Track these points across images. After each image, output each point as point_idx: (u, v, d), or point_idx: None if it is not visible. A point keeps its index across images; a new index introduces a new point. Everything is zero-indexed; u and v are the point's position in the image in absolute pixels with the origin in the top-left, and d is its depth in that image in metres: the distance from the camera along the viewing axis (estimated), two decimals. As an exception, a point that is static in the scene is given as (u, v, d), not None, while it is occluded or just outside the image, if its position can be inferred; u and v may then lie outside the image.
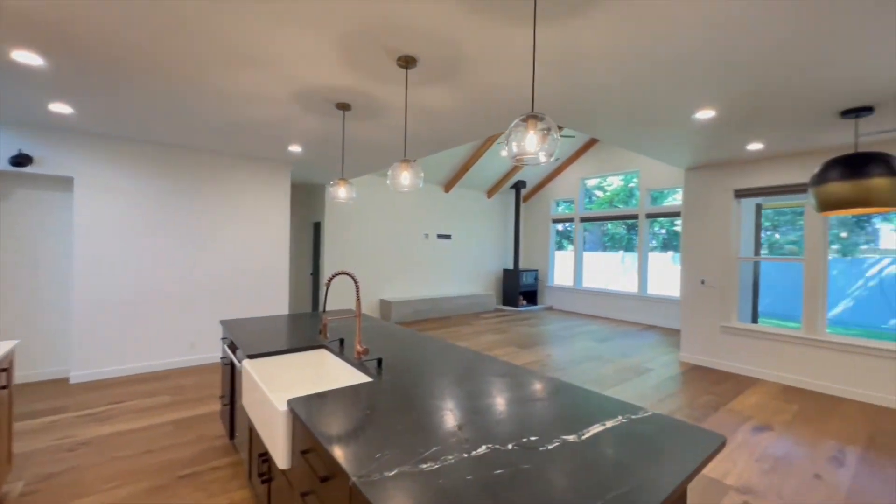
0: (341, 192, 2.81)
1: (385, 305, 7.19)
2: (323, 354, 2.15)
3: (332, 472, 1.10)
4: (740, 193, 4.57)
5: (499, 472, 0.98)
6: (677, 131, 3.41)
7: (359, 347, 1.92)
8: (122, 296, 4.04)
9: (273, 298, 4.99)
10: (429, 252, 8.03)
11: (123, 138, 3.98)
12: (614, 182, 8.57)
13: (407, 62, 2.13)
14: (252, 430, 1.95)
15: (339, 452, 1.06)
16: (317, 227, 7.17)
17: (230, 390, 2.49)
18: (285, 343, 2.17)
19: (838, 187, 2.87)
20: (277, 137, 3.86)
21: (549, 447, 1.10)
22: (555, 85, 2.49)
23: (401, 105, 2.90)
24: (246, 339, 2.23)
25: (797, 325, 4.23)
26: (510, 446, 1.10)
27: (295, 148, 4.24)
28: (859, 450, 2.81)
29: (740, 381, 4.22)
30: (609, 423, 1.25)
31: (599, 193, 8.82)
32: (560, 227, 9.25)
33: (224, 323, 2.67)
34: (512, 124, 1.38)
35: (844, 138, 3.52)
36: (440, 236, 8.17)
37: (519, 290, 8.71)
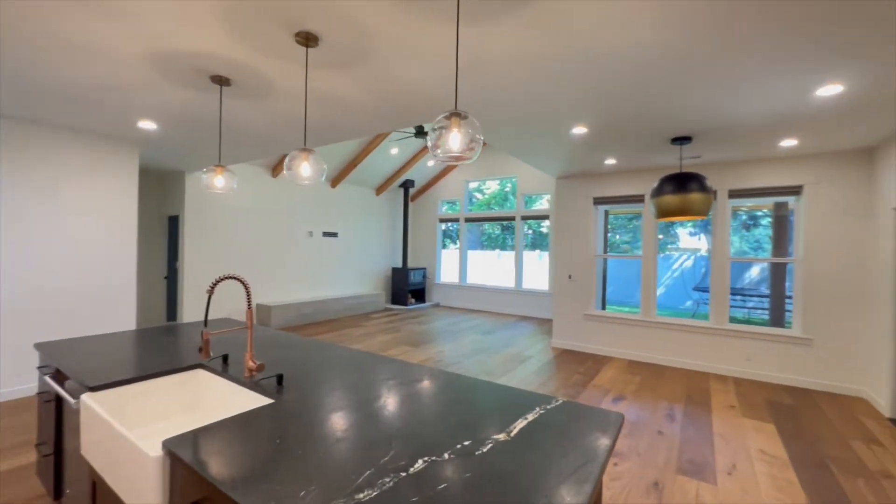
0: (218, 180, 2.37)
1: (263, 310, 6.45)
2: (200, 376, 1.79)
3: (240, 523, 0.90)
4: (598, 201, 5.38)
5: (442, 486, 0.92)
6: (557, 143, 3.83)
7: (251, 363, 1.64)
8: None
9: (115, 310, 4.00)
10: (314, 251, 7.48)
11: None
12: (492, 186, 9.27)
13: (308, 40, 1.90)
14: (97, 484, 1.50)
15: (249, 499, 0.87)
16: (173, 222, 6.02)
17: (55, 434, 1.89)
18: (142, 367, 1.73)
19: (670, 199, 3.59)
20: (123, 108, 3.09)
21: (484, 450, 1.09)
22: (461, 87, 2.53)
23: (293, 87, 2.60)
24: (82, 366, 1.72)
25: (629, 309, 5.19)
26: (447, 455, 1.06)
27: (148, 124, 3.46)
28: (682, 406, 3.57)
29: (599, 360, 4.98)
30: (530, 416, 1.31)
31: (479, 196, 9.44)
32: (444, 226, 9.60)
33: (42, 346, 2.02)
34: (436, 120, 1.34)
35: (672, 160, 4.43)
36: (326, 234, 7.69)
37: (408, 288, 8.75)
